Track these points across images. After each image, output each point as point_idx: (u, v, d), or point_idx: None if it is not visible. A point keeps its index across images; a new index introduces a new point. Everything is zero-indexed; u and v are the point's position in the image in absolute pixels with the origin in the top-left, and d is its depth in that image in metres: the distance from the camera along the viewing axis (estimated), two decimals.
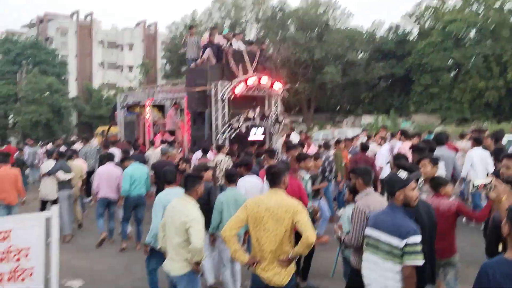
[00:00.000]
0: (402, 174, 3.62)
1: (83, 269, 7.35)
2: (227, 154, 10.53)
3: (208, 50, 14.03)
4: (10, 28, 61.74)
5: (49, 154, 10.93)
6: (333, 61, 40.86)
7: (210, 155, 10.61)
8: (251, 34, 48.46)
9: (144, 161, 9.19)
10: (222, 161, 10.09)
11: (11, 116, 44.19)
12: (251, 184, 6.49)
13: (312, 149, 11.47)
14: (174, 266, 4.47)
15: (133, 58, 59.56)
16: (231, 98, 13.50)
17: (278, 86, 14.44)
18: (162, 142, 13.67)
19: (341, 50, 39.83)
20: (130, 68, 59.09)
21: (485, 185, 3.90)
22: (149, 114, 16.51)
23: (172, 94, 16.56)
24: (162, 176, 5.77)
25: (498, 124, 29.34)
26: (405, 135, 8.93)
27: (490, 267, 2.72)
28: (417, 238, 3.42)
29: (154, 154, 11.96)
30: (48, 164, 9.88)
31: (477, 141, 8.73)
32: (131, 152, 10.72)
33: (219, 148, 10.68)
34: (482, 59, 35.71)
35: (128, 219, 8.53)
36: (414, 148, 6.43)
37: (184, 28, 47.58)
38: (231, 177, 5.99)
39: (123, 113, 18.20)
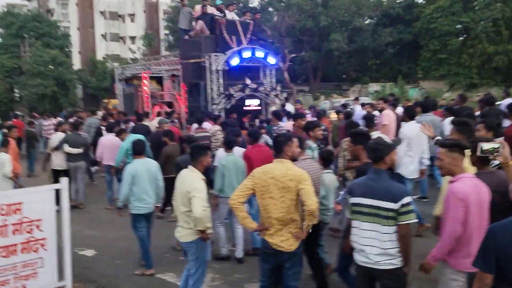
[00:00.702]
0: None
1: (95, 239, 7.44)
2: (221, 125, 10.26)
3: (200, 22, 14.06)
4: (11, 1, 61.04)
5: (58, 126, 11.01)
6: (339, 28, 40.18)
7: (207, 125, 10.52)
8: (254, 2, 47.67)
9: (146, 132, 9.58)
10: (218, 131, 10.11)
11: (16, 90, 44.19)
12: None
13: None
14: (183, 233, 4.62)
15: (136, 29, 58.88)
16: (226, 69, 13.71)
17: (272, 56, 14.73)
18: (158, 114, 13.79)
19: (347, 16, 39.08)
20: (133, 39, 58.50)
21: (493, 149, 3.74)
22: (146, 86, 16.74)
23: (169, 66, 16.75)
24: (132, 147, 6.17)
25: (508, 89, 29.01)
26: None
27: (498, 228, 2.65)
28: (409, 198, 3.55)
29: (150, 125, 11.84)
30: (58, 137, 10.00)
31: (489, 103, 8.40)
32: (130, 124, 11.15)
33: (215, 119, 10.76)
34: (491, 23, 34.96)
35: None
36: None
37: None
38: (230, 144, 6.42)
39: (122, 86, 18.65)
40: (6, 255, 4.22)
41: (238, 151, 6.63)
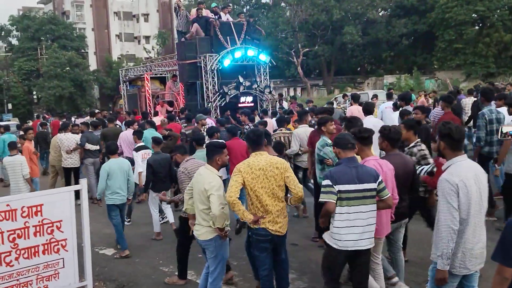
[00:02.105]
0: None
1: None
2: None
3: (195, 24, 14.76)
4: (26, 5, 61.97)
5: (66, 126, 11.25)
6: (353, 21, 39.88)
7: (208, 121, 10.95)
8: None
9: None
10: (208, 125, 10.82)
11: (34, 92, 44.88)
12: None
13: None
14: (201, 231, 4.63)
15: (150, 28, 59.27)
16: (220, 69, 14.44)
17: (264, 56, 15.45)
18: (155, 113, 14.40)
19: (360, 8, 38.79)
20: (147, 38, 58.88)
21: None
22: (147, 86, 17.67)
23: (170, 67, 17.53)
24: (106, 148, 7.13)
25: None
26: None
27: None
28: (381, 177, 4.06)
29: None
30: (69, 137, 10.29)
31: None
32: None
33: (206, 113, 11.58)
34: (508, 11, 34.32)
35: None
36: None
37: None
38: (199, 141, 7.01)
39: (126, 87, 19.55)
40: (28, 257, 4.33)
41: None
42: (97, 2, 58.07)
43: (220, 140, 6.75)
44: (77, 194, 4.80)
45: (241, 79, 14.47)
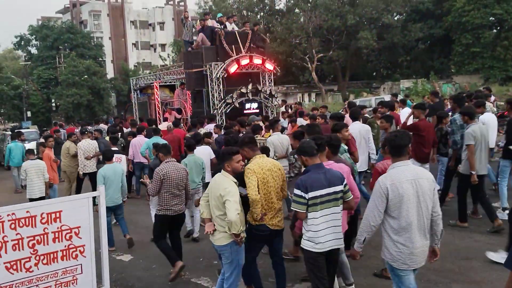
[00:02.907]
0: None
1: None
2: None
3: (201, 34, 15.30)
4: (45, 15, 63.11)
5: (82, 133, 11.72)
6: (368, 26, 39.68)
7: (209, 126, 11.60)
8: (280, 4, 47.64)
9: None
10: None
11: (53, 99, 45.56)
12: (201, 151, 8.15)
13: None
14: (217, 236, 4.66)
15: (165, 36, 59.87)
16: (225, 77, 14.91)
17: (269, 63, 16.02)
18: (165, 120, 15.03)
19: (375, 13, 38.57)
20: (163, 46, 59.44)
21: None
22: (157, 94, 18.24)
23: (178, 75, 18.10)
24: (103, 154, 7.93)
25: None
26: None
27: None
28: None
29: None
30: (86, 143, 10.69)
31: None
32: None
33: (211, 119, 12.30)
34: None
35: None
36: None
37: (213, 2, 47.16)
38: (190, 147, 7.61)
39: (136, 95, 20.40)
40: (47, 263, 4.38)
41: (200, 150, 8.00)
42: (114, 12, 58.92)
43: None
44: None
45: (244, 90, 14.97)
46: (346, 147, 6.24)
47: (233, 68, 14.83)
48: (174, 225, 6.25)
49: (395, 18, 41.11)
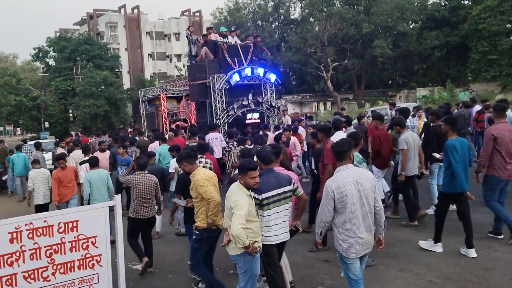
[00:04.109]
0: None
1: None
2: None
3: (204, 48, 15.99)
4: (63, 27, 64.30)
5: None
6: (383, 34, 39.53)
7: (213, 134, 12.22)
8: (295, 13, 47.80)
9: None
10: (214, 138, 11.96)
11: (70, 110, 46.17)
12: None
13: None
14: (231, 246, 4.63)
15: (181, 46, 60.43)
16: (227, 88, 15.51)
17: (271, 75, 16.50)
18: (171, 129, 15.28)
19: (390, 21, 38.44)
20: (178, 56, 60.00)
21: None
22: (163, 106, 18.90)
23: (184, 86, 18.79)
24: (88, 161, 8.63)
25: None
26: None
27: None
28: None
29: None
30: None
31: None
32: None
33: (211, 128, 12.56)
34: None
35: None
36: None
37: (228, 12, 47.52)
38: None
39: (144, 107, 21.06)
40: (64, 272, 4.38)
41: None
42: (130, 23, 59.76)
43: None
44: None
45: (245, 102, 15.64)
46: (360, 156, 6.23)
47: (234, 80, 15.40)
48: (145, 227, 6.91)
49: (411, 26, 40.91)
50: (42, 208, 9.22)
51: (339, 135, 7.87)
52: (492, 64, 35.55)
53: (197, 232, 5.41)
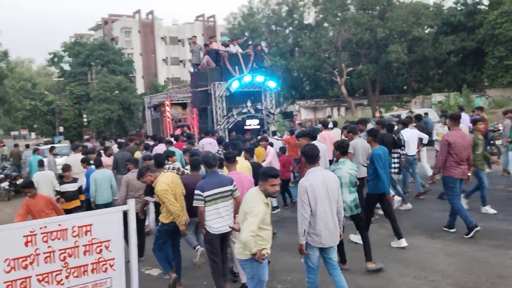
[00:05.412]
0: None
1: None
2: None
3: (206, 56, 16.61)
4: (78, 32, 65.09)
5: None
6: (398, 39, 39.25)
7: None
8: (309, 18, 47.75)
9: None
10: (208, 144, 12.16)
11: (85, 115, 46.62)
12: None
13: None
14: (239, 250, 4.61)
15: None
16: (228, 95, 16.13)
17: (271, 82, 17.02)
18: (172, 135, 15.92)
19: (405, 26, 38.09)
20: None
21: None
22: (168, 112, 19.52)
23: (187, 93, 19.50)
24: (94, 162, 9.36)
25: None
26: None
27: None
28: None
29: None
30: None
31: None
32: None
33: (206, 133, 13.01)
34: None
35: None
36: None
37: (242, 17, 47.67)
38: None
39: (150, 112, 21.87)
40: (78, 275, 4.38)
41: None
42: (144, 28, 60.27)
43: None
44: None
45: (244, 109, 16.34)
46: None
47: (233, 87, 15.89)
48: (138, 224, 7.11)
49: (426, 31, 40.52)
50: None
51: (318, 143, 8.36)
52: (508, 70, 35.02)
53: (159, 224, 6.30)
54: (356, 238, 7.30)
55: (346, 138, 8.45)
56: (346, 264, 6.41)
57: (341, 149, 6.21)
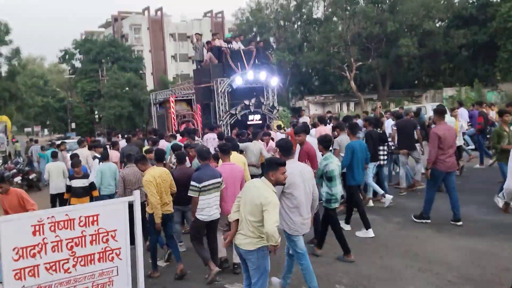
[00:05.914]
0: None
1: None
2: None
3: (209, 53, 16.89)
4: (88, 29, 65.52)
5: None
6: (408, 33, 38.92)
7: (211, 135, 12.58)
8: (318, 13, 47.57)
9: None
10: (212, 139, 12.23)
11: (96, 111, 47.02)
12: None
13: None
14: (245, 241, 4.55)
15: None
16: (230, 91, 16.40)
17: (273, 78, 17.18)
18: (177, 132, 16.21)
19: (416, 20, 37.75)
20: None
21: None
22: (173, 108, 19.75)
23: (191, 90, 19.73)
24: (101, 155, 9.91)
25: None
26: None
27: None
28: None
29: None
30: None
31: None
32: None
33: (210, 129, 13.11)
34: None
35: None
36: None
37: (250, 13, 47.58)
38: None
39: (156, 109, 22.24)
40: (84, 264, 4.49)
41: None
42: (153, 25, 60.46)
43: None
44: None
45: (248, 101, 16.39)
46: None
47: (236, 83, 16.14)
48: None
49: (437, 25, 40.13)
50: (56, 197, 10.27)
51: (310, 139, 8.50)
52: None
53: (148, 215, 6.59)
54: (362, 233, 7.43)
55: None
56: (350, 255, 6.43)
57: (324, 143, 6.57)
